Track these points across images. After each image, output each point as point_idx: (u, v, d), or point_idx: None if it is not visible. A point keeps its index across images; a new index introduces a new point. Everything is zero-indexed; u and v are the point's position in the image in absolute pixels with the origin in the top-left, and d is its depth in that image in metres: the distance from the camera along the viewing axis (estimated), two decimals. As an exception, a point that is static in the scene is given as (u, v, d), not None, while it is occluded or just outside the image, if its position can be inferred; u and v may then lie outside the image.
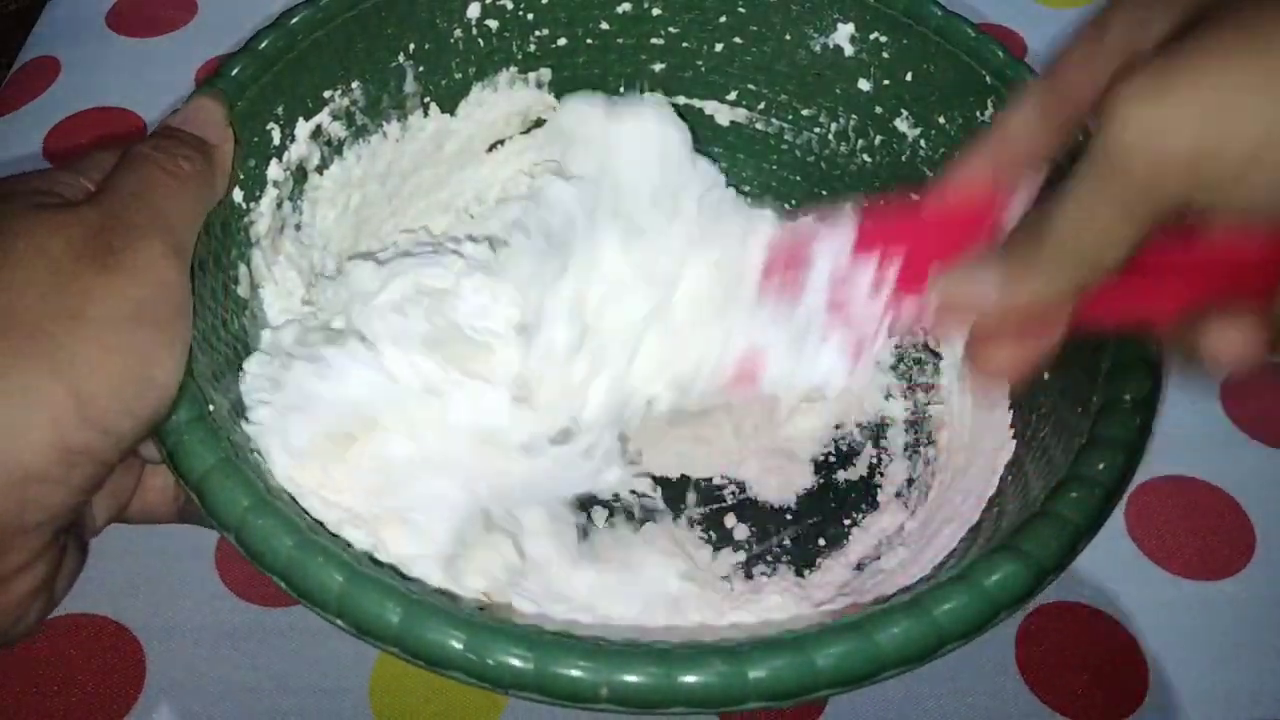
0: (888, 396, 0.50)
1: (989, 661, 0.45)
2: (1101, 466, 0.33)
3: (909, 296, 0.36)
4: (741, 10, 0.50)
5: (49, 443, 0.29)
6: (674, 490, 0.47)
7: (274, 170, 0.43)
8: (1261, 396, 0.53)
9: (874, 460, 0.48)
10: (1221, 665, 0.45)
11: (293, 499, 0.35)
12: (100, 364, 0.30)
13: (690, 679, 0.28)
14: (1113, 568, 0.48)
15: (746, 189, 0.55)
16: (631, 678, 0.28)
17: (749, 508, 0.47)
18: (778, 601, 0.42)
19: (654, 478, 0.47)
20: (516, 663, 0.29)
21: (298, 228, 0.45)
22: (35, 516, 0.30)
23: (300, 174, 0.45)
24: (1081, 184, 0.28)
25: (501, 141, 0.53)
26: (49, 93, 0.65)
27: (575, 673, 0.28)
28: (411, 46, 0.48)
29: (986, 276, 0.31)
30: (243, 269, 0.41)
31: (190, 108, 0.39)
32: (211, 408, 0.34)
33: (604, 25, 0.51)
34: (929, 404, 0.49)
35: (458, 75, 0.50)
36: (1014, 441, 0.41)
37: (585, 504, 0.46)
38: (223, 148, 0.39)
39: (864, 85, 0.50)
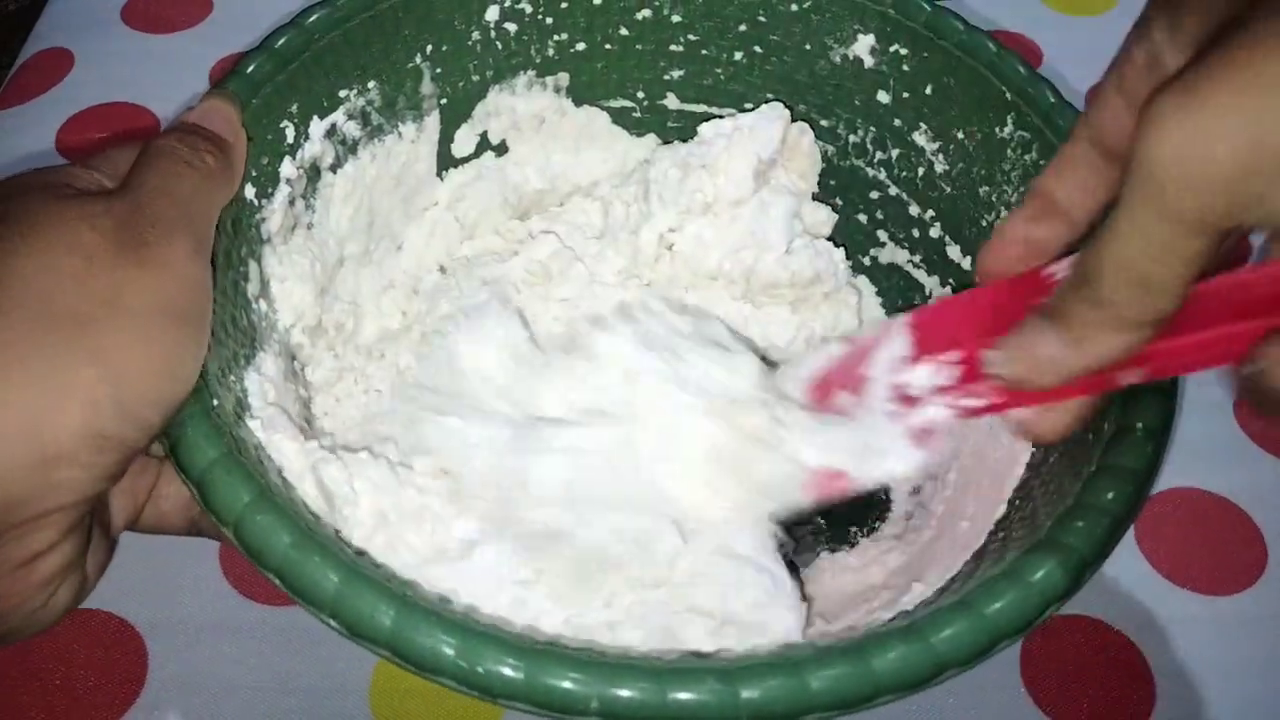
0: None
1: (994, 677, 0.45)
2: (1110, 495, 0.33)
3: (972, 385, 0.34)
4: (762, 19, 0.50)
5: (82, 426, 0.30)
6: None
7: (287, 168, 0.43)
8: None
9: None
10: (1231, 682, 0.45)
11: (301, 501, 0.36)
12: (135, 353, 0.31)
13: (683, 696, 0.28)
14: (1122, 582, 0.47)
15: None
16: (623, 692, 0.28)
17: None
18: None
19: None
20: (507, 672, 0.28)
21: (309, 227, 0.45)
22: (65, 498, 0.30)
23: (314, 172, 0.45)
24: (1127, 211, 0.26)
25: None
26: (62, 85, 0.65)
27: (566, 684, 0.28)
28: (429, 48, 0.48)
29: (1044, 339, 0.29)
30: (253, 266, 0.41)
31: (204, 106, 0.39)
32: (216, 403, 0.34)
33: (623, 30, 0.51)
34: None
35: (475, 78, 0.50)
36: (1023, 467, 0.40)
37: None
38: (237, 146, 0.39)
39: (883, 97, 0.49)
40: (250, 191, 0.41)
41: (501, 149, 0.53)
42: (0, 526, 0.29)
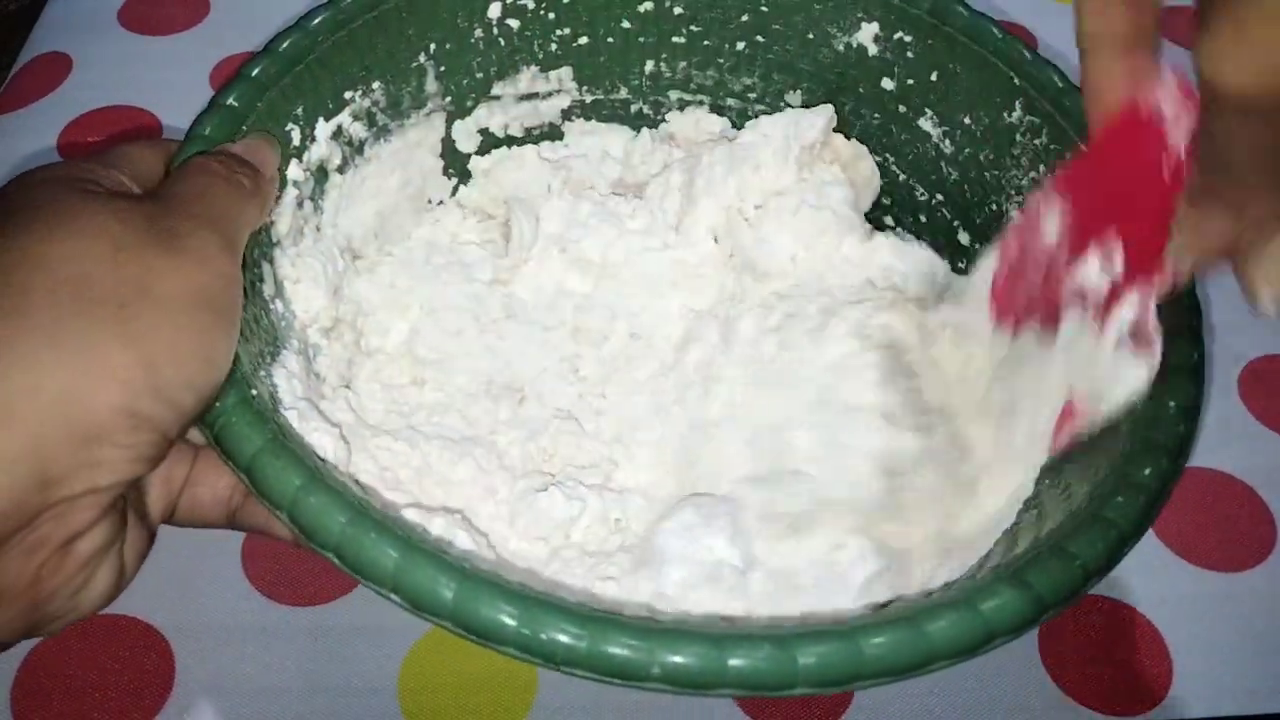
0: None
1: (1013, 655, 0.45)
2: (1148, 472, 0.34)
3: (1147, 265, 0.32)
4: (764, 9, 0.50)
5: (119, 405, 0.30)
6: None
7: (294, 170, 0.43)
8: (1278, 389, 0.53)
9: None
10: (1245, 657, 0.45)
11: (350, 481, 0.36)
12: (167, 338, 0.31)
13: (739, 662, 0.29)
14: (1134, 561, 0.47)
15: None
16: (681, 658, 0.29)
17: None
18: None
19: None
20: (567, 640, 0.29)
21: (318, 229, 0.45)
22: (103, 478, 0.30)
23: (321, 174, 0.45)
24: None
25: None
26: (61, 89, 0.64)
27: (626, 651, 0.29)
28: (432, 46, 0.48)
29: (1216, 214, 0.28)
30: (267, 268, 0.41)
31: (247, 143, 0.40)
32: (255, 393, 0.34)
33: (625, 24, 0.51)
34: None
35: (479, 75, 0.50)
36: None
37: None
38: (272, 182, 0.40)
39: (887, 84, 0.50)
40: (260, 195, 0.41)
41: (505, 144, 0.53)
42: (40, 505, 0.29)
